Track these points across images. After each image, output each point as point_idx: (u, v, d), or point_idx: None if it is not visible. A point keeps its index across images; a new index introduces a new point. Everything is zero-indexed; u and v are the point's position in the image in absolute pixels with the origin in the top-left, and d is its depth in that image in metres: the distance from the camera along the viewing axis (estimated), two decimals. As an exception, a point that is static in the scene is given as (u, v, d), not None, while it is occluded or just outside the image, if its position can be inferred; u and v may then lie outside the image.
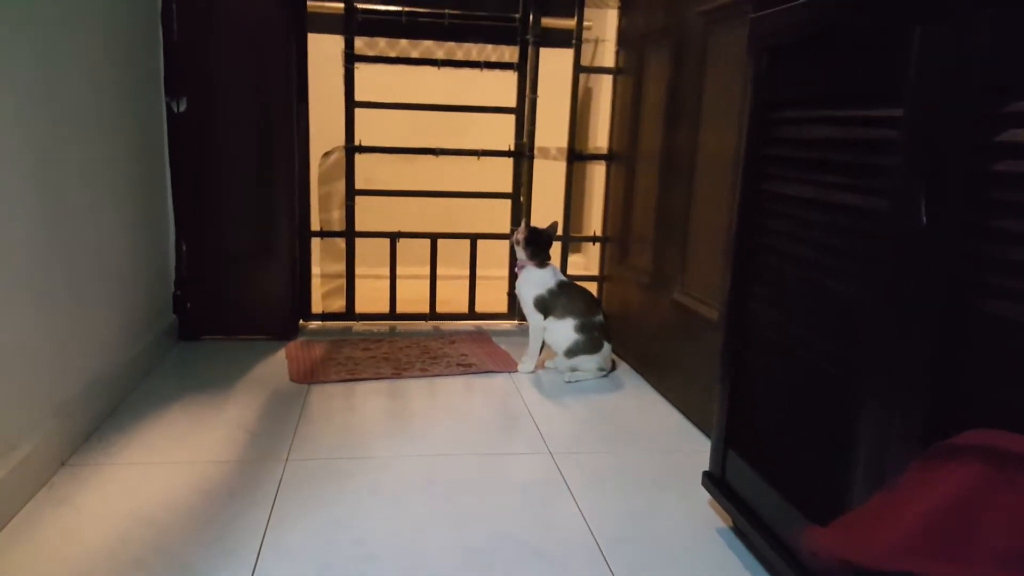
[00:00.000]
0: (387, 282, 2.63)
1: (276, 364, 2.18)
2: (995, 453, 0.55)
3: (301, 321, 2.57)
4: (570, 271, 2.72)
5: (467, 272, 2.68)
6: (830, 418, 1.00)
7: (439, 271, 2.67)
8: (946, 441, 0.59)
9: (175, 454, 1.57)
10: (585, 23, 3.37)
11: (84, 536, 1.24)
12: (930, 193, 0.81)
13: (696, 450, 1.70)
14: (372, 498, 1.42)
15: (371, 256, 2.66)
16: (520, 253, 2.24)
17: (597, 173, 3.02)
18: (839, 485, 0.96)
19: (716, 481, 1.34)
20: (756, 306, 1.23)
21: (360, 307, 2.63)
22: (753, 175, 1.22)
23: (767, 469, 1.18)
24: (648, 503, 1.46)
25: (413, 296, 2.69)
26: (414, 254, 2.67)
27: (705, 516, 1.41)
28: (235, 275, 2.38)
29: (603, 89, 3.00)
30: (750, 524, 1.18)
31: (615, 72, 2.54)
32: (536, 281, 2.22)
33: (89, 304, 1.67)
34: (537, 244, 2.23)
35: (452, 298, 2.72)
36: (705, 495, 1.45)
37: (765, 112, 1.19)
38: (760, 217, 1.21)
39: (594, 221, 3.02)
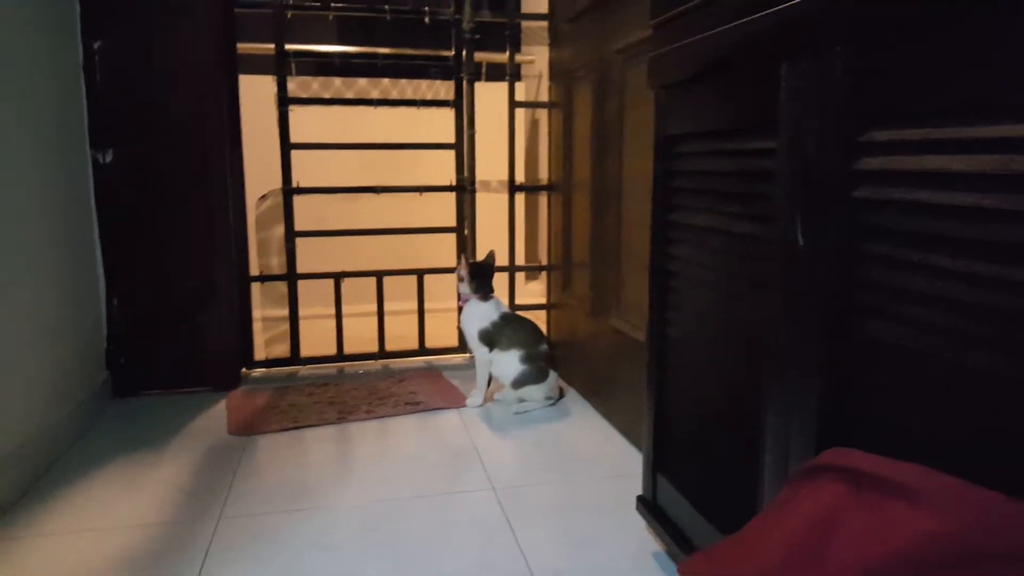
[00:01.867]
0: (333, 323, 2.61)
1: (216, 416, 2.14)
2: (851, 472, 0.57)
3: (244, 369, 2.54)
4: (528, 300, 2.74)
5: (415, 307, 2.68)
6: (741, 440, 1.02)
7: (388, 307, 2.66)
8: (810, 462, 0.61)
9: (101, 520, 1.52)
10: (529, 57, 3.44)
11: (4, 611, 1.21)
12: (805, 218, 0.84)
13: (638, 473, 1.71)
14: (309, 551, 1.40)
15: (317, 296, 2.64)
16: (464, 288, 2.25)
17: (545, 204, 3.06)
18: (752, 506, 0.98)
19: (648, 505, 1.35)
20: (672, 331, 1.25)
21: (307, 350, 2.61)
22: (661, 205, 1.25)
23: (690, 492, 1.19)
24: (588, 531, 1.46)
25: (363, 334, 2.67)
26: (362, 291, 2.66)
27: (642, 541, 1.41)
28: (173, 326, 2.34)
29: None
30: (679, 547, 1.19)
31: (549, 106, 2.59)
32: (479, 315, 2.23)
33: (8, 368, 1.63)
34: (481, 277, 2.24)
35: (404, 334, 2.71)
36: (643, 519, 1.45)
37: (668, 145, 1.23)
38: (670, 245, 1.24)
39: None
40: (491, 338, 2.21)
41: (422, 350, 2.72)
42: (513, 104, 2.64)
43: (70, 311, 2.00)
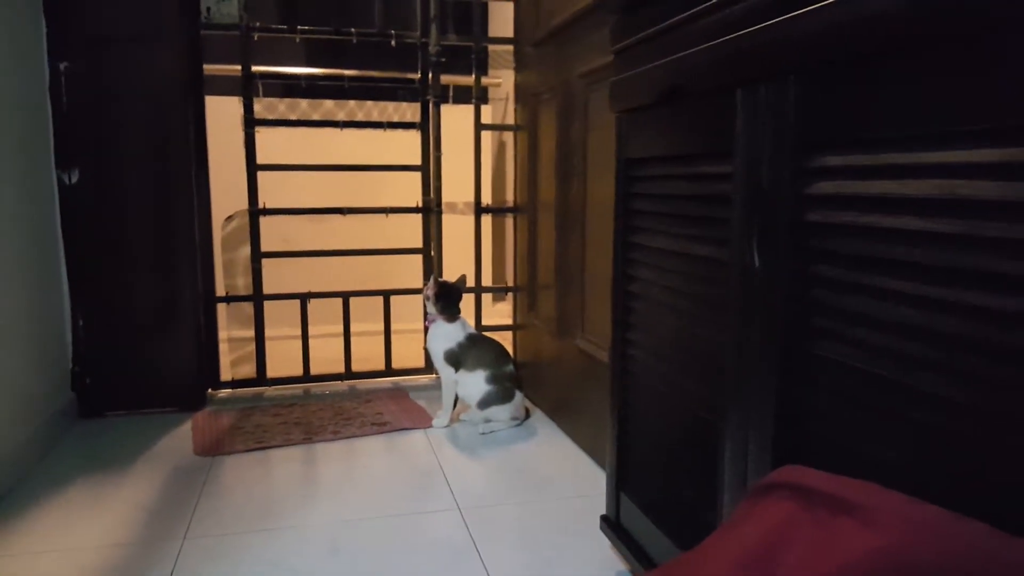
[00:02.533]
0: (301, 343, 2.60)
1: (181, 437, 2.12)
2: (802, 490, 0.60)
3: (210, 390, 2.51)
4: (495, 320, 2.75)
5: (381, 328, 2.68)
6: (701, 458, 1.05)
7: (354, 328, 2.66)
8: (763, 480, 0.63)
9: (64, 541, 1.50)
10: (496, 80, 3.48)
11: (-42, 639, 1.18)
12: (760, 241, 0.87)
13: (603, 493, 1.73)
14: (274, 572, 1.39)
15: (284, 317, 2.63)
16: (430, 308, 2.26)
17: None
18: (711, 524, 1.00)
19: (612, 524, 1.36)
20: (634, 352, 1.28)
21: (274, 371, 2.59)
22: (623, 228, 1.29)
23: (652, 510, 1.21)
24: (554, 551, 1.47)
25: (330, 355, 2.67)
26: (329, 312, 2.65)
27: (606, 560, 1.43)
28: (138, 347, 2.31)
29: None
30: (642, 566, 1.21)
31: (515, 128, 2.63)
32: (445, 335, 2.24)
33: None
34: (447, 299, 2.25)
35: (370, 354, 2.70)
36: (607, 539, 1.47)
37: (628, 168, 1.26)
38: (631, 267, 1.27)
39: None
40: (457, 358, 2.23)
41: (388, 371, 2.72)
42: (479, 127, 2.67)
43: (35, 331, 1.97)
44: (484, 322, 2.73)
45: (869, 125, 0.72)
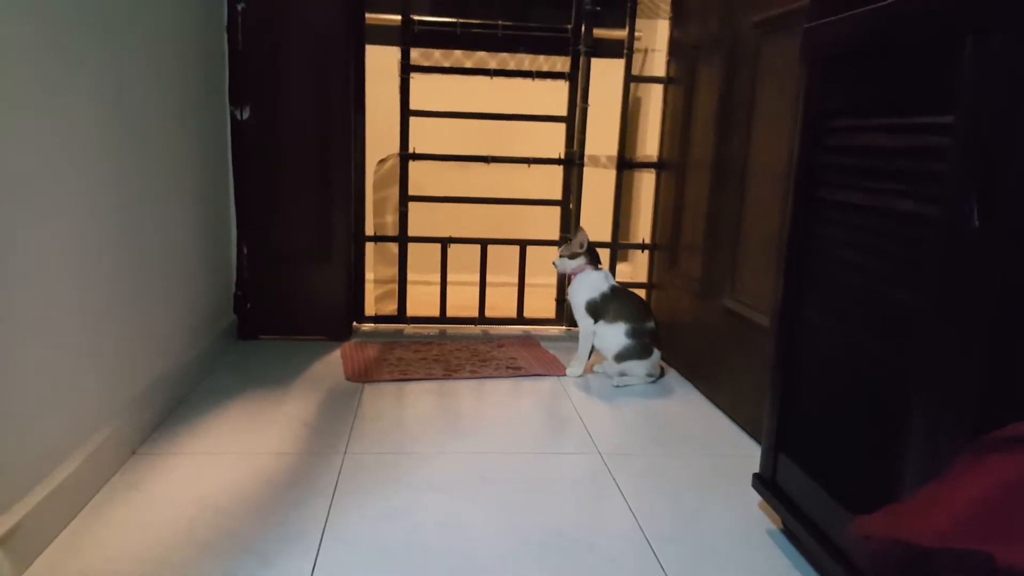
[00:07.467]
0: (437, 288, 2.69)
1: (331, 363, 2.25)
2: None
3: (355, 323, 2.65)
4: (617, 279, 2.75)
5: (514, 281, 2.73)
6: (881, 420, 1.02)
7: (488, 278, 2.73)
8: (994, 433, 0.61)
9: (237, 445, 1.64)
10: (636, 33, 3.41)
11: (155, 519, 1.31)
12: (982, 198, 0.82)
13: (745, 454, 1.72)
14: (427, 492, 1.47)
15: (422, 263, 2.74)
16: (574, 262, 2.26)
17: (643, 181, 3.05)
18: (889, 485, 0.98)
19: (766, 483, 1.35)
20: (807, 311, 1.24)
21: (411, 311, 2.70)
22: (806, 182, 1.24)
23: (818, 471, 1.19)
24: (698, 504, 1.47)
25: (462, 302, 2.75)
26: (463, 262, 2.73)
27: (755, 517, 1.42)
28: (293, 277, 2.46)
29: (651, 98, 3.02)
30: (800, 524, 1.20)
31: (666, 81, 2.57)
32: (590, 286, 2.25)
33: (157, 305, 1.75)
34: (593, 251, 2.27)
35: (500, 304, 2.77)
36: (754, 497, 1.46)
37: (818, 120, 1.21)
38: (813, 223, 1.22)
39: (641, 229, 3.04)
40: (598, 309, 2.23)
41: (520, 319, 2.77)
42: (629, 78, 2.63)
43: (206, 257, 2.13)
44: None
45: None
